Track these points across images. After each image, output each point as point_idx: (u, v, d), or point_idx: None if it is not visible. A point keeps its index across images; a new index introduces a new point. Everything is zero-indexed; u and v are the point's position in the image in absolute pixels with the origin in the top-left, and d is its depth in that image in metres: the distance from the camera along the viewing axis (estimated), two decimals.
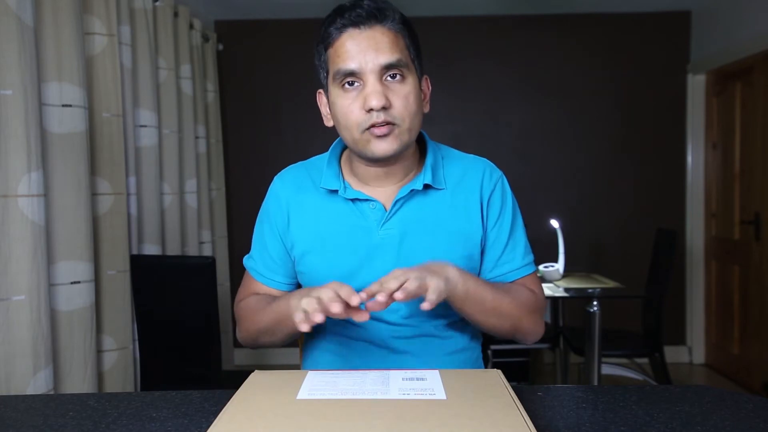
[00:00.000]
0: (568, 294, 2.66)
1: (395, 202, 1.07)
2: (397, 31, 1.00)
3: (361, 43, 0.98)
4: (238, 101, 4.00)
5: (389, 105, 0.98)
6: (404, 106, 0.99)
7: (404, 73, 1.00)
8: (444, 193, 1.10)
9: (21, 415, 0.91)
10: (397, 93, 0.99)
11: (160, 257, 2.51)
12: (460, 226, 1.09)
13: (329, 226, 1.09)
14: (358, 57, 0.97)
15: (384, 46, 0.98)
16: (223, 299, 3.53)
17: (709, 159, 3.89)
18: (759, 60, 3.29)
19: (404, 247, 1.07)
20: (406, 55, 1.01)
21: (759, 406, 0.89)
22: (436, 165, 1.11)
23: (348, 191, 1.08)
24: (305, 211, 1.12)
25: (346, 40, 0.98)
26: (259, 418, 0.74)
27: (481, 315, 1.02)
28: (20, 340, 1.65)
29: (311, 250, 1.10)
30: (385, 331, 1.09)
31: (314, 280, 1.11)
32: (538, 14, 3.91)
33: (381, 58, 0.97)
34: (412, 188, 1.07)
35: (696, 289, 3.98)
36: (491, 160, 1.18)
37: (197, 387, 1.06)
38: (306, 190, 1.13)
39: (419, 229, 1.08)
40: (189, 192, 3.07)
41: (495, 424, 0.71)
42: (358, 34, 0.98)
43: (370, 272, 1.07)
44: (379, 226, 1.07)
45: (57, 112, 1.85)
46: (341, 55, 0.99)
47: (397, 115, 0.99)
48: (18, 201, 1.64)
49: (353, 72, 0.98)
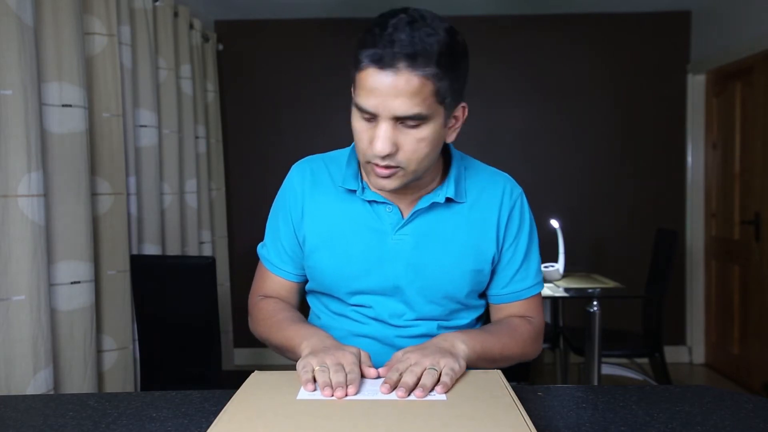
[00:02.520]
0: (568, 294, 2.66)
1: (414, 212, 1.07)
2: (428, 77, 0.89)
3: (383, 86, 0.89)
4: (238, 101, 4.00)
5: (396, 150, 0.94)
6: (413, 150, 0.95)
7: (422, 122, 0.93)
8: (463, 207, 1.09)
9: (21, 415, 0.91)
10: (409, 137, 0.94)
11: (160, 257, 2.51)
12: (474, 241, 1.08)
13: (343, 225, 1.08)
14: (375, 100, 0.91)
15: (404, 96, 0.89)
16: (223, 299, 3.53)
17: (709, 159, 3.89)
18: (759, 60, 3.29)
19: (416, 255, 1.07)
20: (430, 102, 0.91)
21: (759, 406, 0.89)
22: (459, 178, 1.09)
23: (366, 192, 1.07)
24: (320, 206, 1.10)
25: (369, 75, 0.90)
26: (259, 418, 0.74)
27: (490, 365, 1.02)
28: (20, 340, 1.65)
29: (322, 246, 1.09)
30: (390, 330, 1.10)
31: (322, 277, 1.11)
32: (538, 14, 3.91)
33: (398, 108, 0.90)
34: (433, 200, 1.06)
35: (696, 289, 3.98)
36: (491, 160, 1.18)
37: (197, 387, 1.06)
38: (323, 185, 1.11)
39: (433, 240, 1.07)
40: (189, 192, 3.07)
41: (495, 424, 0.71)
42: (381, 74, 0.89)
43: (378, 275, 1.07)
44: (394, 231, 1.07)
45: (57, 112, 1.85)
46: (363, 88, 0.92)
47: (403, 159, 0.95)
48: (18, 201, 1.64)
49: (369, 112, 0.93)
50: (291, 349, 1.01)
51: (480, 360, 0.99)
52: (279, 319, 1.09)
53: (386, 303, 1.09)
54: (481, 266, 1.09)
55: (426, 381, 0.82)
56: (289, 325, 1.06)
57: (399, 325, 1.10)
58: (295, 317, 1.10)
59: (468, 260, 1.08)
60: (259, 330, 1.14)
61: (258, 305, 1.17)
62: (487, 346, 1.00)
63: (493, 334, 1.05)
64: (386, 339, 1.10)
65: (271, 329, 1.09)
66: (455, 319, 1.13)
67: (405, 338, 1.10)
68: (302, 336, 0.99)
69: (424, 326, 1.10)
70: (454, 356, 0.90)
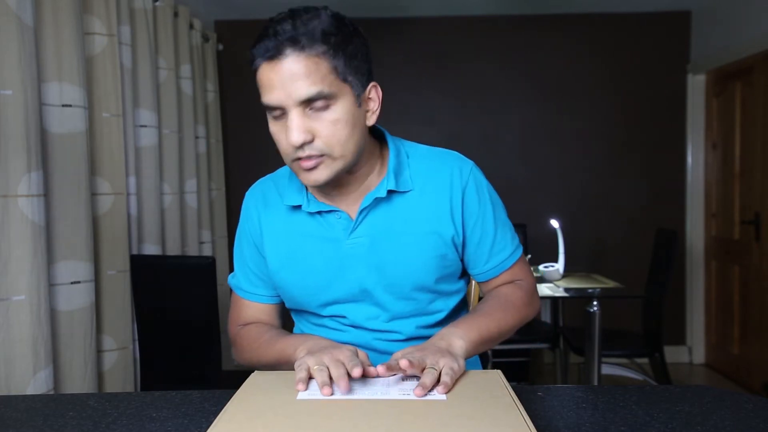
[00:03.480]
0: (568, 294, 2.66)
1: (360, 212, 1.05)
2: (319, 55, 0.91)
3: (278, 75, 0.91)
4: (238, 101, 4.00)
5: (312, 138, 0.94)
6: (332, 134, 0.94)
7: (329, 101, 0.93)
8: (411, 195, 1.07)
9: (21, 415, 0.91)
10: (323, 121, 0.93)
11: (160, 257, 2.51)
12: (431, 226, 1.06)
13: (298, 241, 1.08)
14: (276, 92, 0.92)
15: (300, 78, 0.90)
16: (223, 299, 3.52)
17: (709, 159, 3.89)
18: (759, 60, 3.29)
19: (375, 254, 1.05)
20: (331, 80, 0.92)
21: (759, 406, 0.89)
22: (400, 167, 1.07)
23: (311, 204, 1.06)
24: (274, 227, 1.10)
25: (263, 71, 0.93)
26: (259, 418, 0.74)
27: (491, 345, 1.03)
28: (20, 340, 1.65)
29: (284, 266, 1.09)
30: (368, 334, 1.10)
31: (290, 294, 1.11)
32: (538, 14, 3.91)
33: (298, 92, 0.91)
34: (375, 196, 1.04)
35: (696, 289, 3.98)
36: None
37: (197, 387, 1.06)
38: (273, 205, 1.12)
39: (388, 235, 1.05)
40: (189, 192, 3.07)
41: (495, 424, 0.71)
42: (273, 66, 0.92)
43: (343, 283, 1.07)
44: (347, 236, 1.06)
45: (57, 112, 1.85)
46: (262, 87, 0.94)
47: (324, 145, 0.94)
48: (18, 201, 1.64)
49: (274, 106, 0.94)
50: (286, 360, 0.98)
51: (480, 346, 0.99)
52: (266, 338, 1.07)
53: (359, 308, 1.09)
54: (443, 251, 1.07)
55: (425, 380, 0.82)
56: (278, 339, 1.05)
57: (376, 329, 1.09)
58: (282, 332, 1.09)
59: (428, 247, 1.06)
60: (246, 356, 1.11)
61: (240, 334, 1.15)
62: (483, 330, 1.00)
63: (485, 314, 1.05)
64: (366, 344, 1.09)
65: (260, 350, 1.07)
66: (433, 310, 1.11)
67: (384, 341, 1.09)
68: (296, 343, 0.98)
69: (400, 325, 1.09)
70: (453, 355, 0.90)
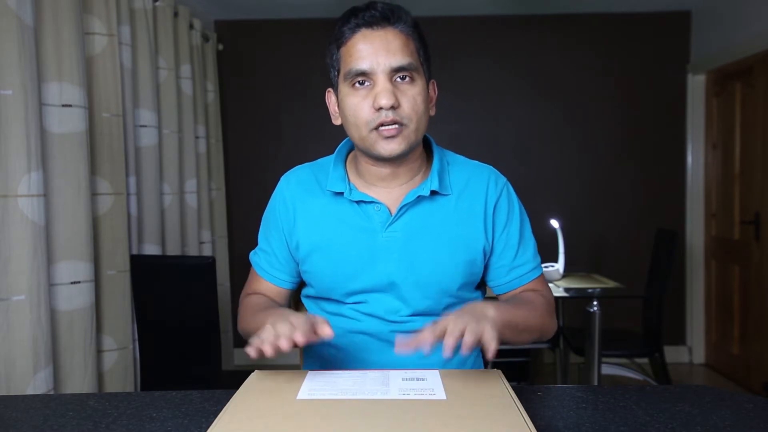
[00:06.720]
0: (568, 294, 2.66)
1: (401, 207, 1.08)
2: (409, 35, 1.03)
3: (374, 44, 1.00)
4: (238, 101, 4.00)
5: (398, 105, 1.00)
6: (412, 106, 1.01)
7: (413, 76, 1.02)
8: (449, 199, 1.11)
9: (21, 415, 0.91)
10: (405, 94, 1.01)
11: (160, 257, 2.51)
12: (463, 232, 1.10)
13: (334, 228, 1.11)
14: (369, 57, 1.00)
15: (395, 49, 1.00)
16: (223, 299, 3.52)
17: (709, 159, 3.88)
18: (759, 60, 3.29)
19: (407, 251, 1.08)
20: (416, 58, 1.03)
21: (759, 406, 0.89)
22: (442, 171, 1.13)
23: (353, 193, 1.10)
24: (311, 212, 1.13)
25: (359, 40, 1.01)
26: (259, 418, 0.74)
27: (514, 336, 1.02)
28: (20, 340, 1.65)
29: (316, 250, 1.11)
30: (385, 325, 1.11)
31: (319, 279, 1.13)
32: (538, 14, 3.91)
33: (392, 60, 1.00)
34: (419, 194, 1.09)
35: (696, 289, 3.98)
36: (491, 160, 1.20)
37: (197, 387, 1.06)
38: (312, 191, 1.15)
39: (423, 234, 1.09)
40: (189, 192, 3.07)
41: (495, 424, 0.71)
42: (370, 34, 1.01)
43: (372, 274, 1.09)
44: (384, 229, 1.09)
45: (57, 112, 1.85)
46: (353, 54, 1.01)
47: (405, 115, 1.01)
48: (18, 201, 1.64)
49: (365, 72, 1.01)
50: None
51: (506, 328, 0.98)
52: (258, 309, 1.11)
53: (382, 299, 1.10)
54: (472, 256, 1.11)
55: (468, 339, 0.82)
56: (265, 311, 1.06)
57: (394, 320, 1.10)
58: (273, 306, 1.11)
59: (459, 251, 1.10)
60: (242, 325, 1.15)
61: (243, 302, 1.20)
62: (510, 315, 1.00)
63: (514, 305, 1.06)
64: (381, 335, 1.11)
65: (250, 317, 1.10)
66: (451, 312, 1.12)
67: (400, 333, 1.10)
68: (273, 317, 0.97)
69: (419, 322, 1.10)
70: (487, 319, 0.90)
